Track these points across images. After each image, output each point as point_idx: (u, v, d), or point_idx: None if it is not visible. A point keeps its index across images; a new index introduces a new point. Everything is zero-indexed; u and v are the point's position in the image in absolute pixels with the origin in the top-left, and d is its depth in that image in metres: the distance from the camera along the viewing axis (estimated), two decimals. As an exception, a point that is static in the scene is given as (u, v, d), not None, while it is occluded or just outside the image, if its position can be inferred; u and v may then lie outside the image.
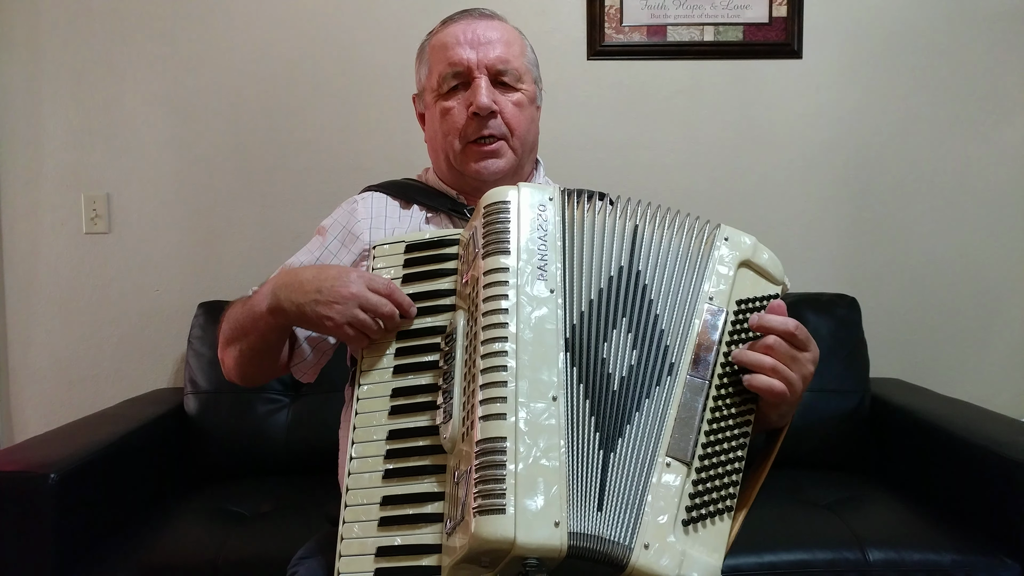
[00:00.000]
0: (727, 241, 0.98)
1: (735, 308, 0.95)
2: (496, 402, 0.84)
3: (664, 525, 0.83)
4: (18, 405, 2.32)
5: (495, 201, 0.97)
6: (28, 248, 2.29)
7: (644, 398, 0.89)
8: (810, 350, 0.93)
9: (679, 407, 0.89)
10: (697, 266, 0.96)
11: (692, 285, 0.95)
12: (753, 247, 0.98)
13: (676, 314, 0.93)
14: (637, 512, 0.84)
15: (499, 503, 0.79)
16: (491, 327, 0.88)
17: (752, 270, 0.98)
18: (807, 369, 0.93)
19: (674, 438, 0.87)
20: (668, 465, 0.86)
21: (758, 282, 0.97)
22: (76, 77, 2.26)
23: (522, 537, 0.78)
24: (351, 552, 0.90)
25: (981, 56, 2.29)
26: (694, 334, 0.92)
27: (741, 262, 0.97)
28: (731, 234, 0.98)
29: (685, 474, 0.86)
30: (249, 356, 1.15)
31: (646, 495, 0.85)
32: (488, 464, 0.81)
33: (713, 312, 0.94)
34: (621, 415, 0.88)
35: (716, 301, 0.94)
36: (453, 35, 1.19)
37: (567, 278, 0.93)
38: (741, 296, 0.96)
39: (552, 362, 0.87)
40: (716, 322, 0.93)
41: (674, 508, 0.84)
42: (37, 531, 1.47)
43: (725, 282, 0.95)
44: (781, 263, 0.99)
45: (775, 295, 0.97)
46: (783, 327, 0.91)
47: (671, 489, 0.85)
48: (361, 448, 0.95)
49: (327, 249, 1.22)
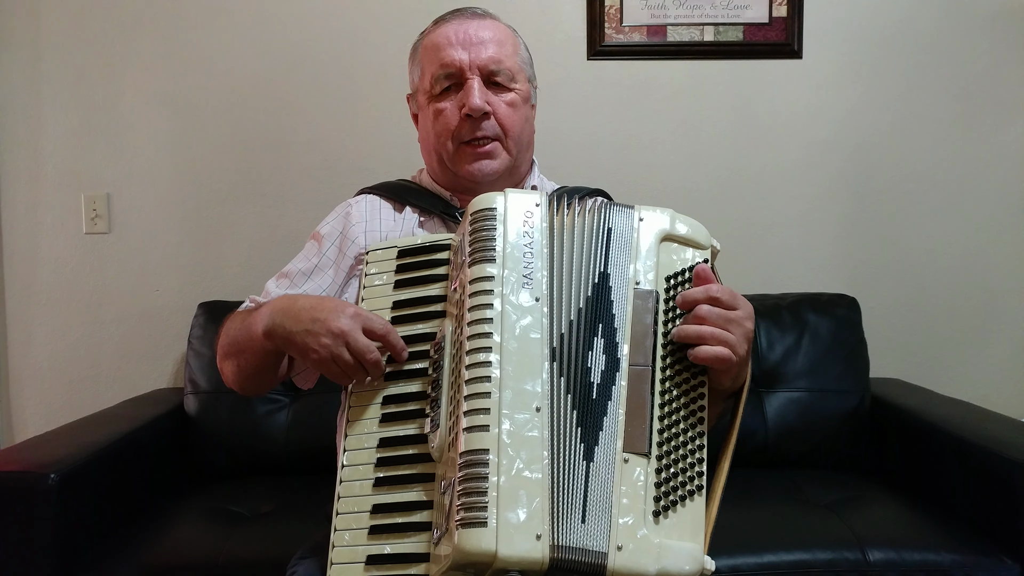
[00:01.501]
0: (643, 221, 0.97)
1: (665, 286, 0.94)
2: (479, 413, 0.84)
3: (633, 522, 0.83)
4: (18, 405, 2.32)
5: (481, 208, 0.96)
6: (28, 248, 2.29)
7: (607, 400, 0.89)
8: (740, 307, 0.93)
9: (627, 400, 0.89)
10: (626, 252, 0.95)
11: (624, 272, 0.94)
12: (671, 219, 0.97)
13: (619, 305, 0.93)
14: (608, 516, 0.84)
15: (481, 516, 0.80)
16: (476, 337, 0.88)
17: (675, 242, 0.97)
18: (744, 327, 0.93)
19: (628, 432, 0.87)
20: (626, 461, 0.86)
21: (683, 252, 0.97)
22: (76, 77, 2.26)
23: (503, 550, 0.78)
24: (342, 560, 0.90)
25: (981, 56, 2.29)
26: (628, 321, 0.92)
27: (662, 238, 0.96)
28: (645, 213, 0.98)
29: (646, 465, 0.86)
30: (247, 372, 1.15)
31: (612, 496, 0.84)
32: (471, 476, 0.82)
33: (642, 295, 0.93)
34: (596, 423, 0.88)
35: (644, 283, 0.94)
36: (445, 35, 1.19)
37: (553, 286, 0.92)
38: (669, 272, 0.95)
39: (536, 372, 0.87)
40: (648, 304, 0.93)
41: (641, 503, 0.84)
42: (37, 531, 1.47)
43: (650, 261, 0.95)
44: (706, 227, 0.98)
45: (704, 260, 0.96)
46: (704, 295, 0.91)
47: (635, 485, 0.85)
48: (353, 455, 0.95)
49: (324, 256, 1.22)
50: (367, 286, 1.05)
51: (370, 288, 1.04)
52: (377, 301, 1.03)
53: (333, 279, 1.21)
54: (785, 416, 2.01)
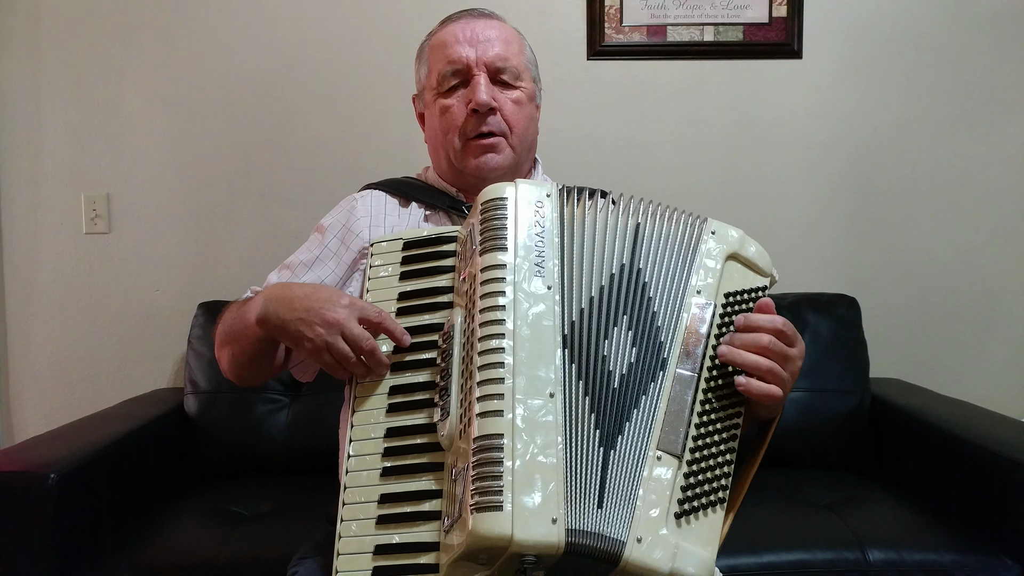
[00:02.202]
0: (714, 235, 0.98)
1: (723, 301, 0.95)
2: (493, 399, 0.84)
3: (656, 518, 0.83)
4: (18, 405, 2.32)
5: (492, 198, 0.97)
6: (28, 248, 2.29)
7: (641, 395, 0.89)
8: (797, 345, 0.94)
9: (669, 400, 0.89)
10: (685, 259, 0.96)
11: (681, 279, 0.95)
12: (740, 240, 0.98)
13: (668, 308, 0.93)
14: (631, 507, 0.84)
15: (496, 500, 0.79)
16: (488, 324, 0.88)
17: (740, 263, 0.98)
18: (796, 365, 0.94)
19: (664, 431, 0.87)
20: (659, 459, 0.86)
21: (746, 275, 0.98)
22: (76, 77, 2.26)
23: (519, 534, 0.77)
24: (349, 550, 0.89)
25: (981, 56, 2.29)
26: (683, 327, 0.92)
27: (728, 255, 0.97)
28: (718, 227, 0.99)
29: (676, 467, 0.86)
30: (241, 360, 1.15)
31: (638, 489, 0.85)
32: (485, 461, 0.81)
33: (701, 305, 0.94)
34: (621, 412, 0.88)
35: (704, 294, 0.94)
36: (452, 34, 1.20)
37: (565, 275, 0.93)
38: (729, 289, 0.96)
39: (550, 359, 0.87)
40: (704, 315, 0.93)
41: (666, 501, 0.84)
42: (37, 531, 1.47)
43: (713, 275, 0.95)
44: (770, 256, 0.99)
45: (763, 287, 0.98)
46: (771, 325, 0.91)
47: (662, 482, 0.85)
48: (359, 446, 0.95)
49: (326, 247, 1.22)
50: (372, 278, 1.05)
51: (375, 280, 1.04)
52: (382, 292, 1.03)
53: (334, 271, 1.21)
54: (785, 416, 1.98)
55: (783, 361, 0.91)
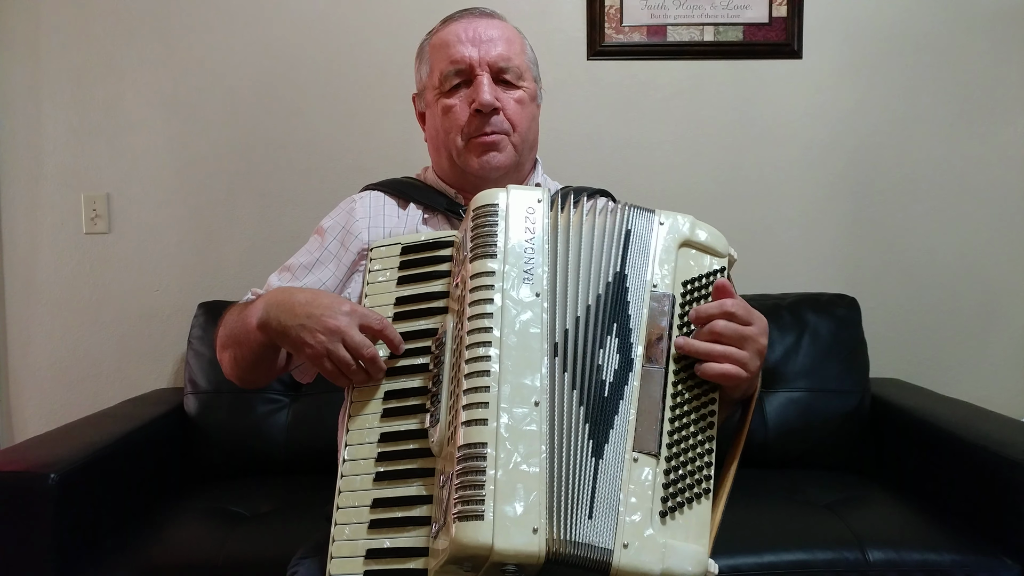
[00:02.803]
0: (662, 225, 0.98)
1: (681, 290, 0.95)
2: (478, 407, 0.85)
3: (640, 521, 0.84)
4: (18, 405, 2.32)
5: (483, 204, 0.97)
6: (28, 248, 2.29)
7: (619, 400, 0.89)
8: (754, 322, 0.94)
9: (639, 400, 0.89)
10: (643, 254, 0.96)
11: (641, 274, 0.95)
12: (691, 226, 0.98)
13: (633, 307, 0.93)
14: (615, 513, 0.84)
15: (478, 509, 0.80)
16: (476, 331, 0.89)
17: (694, 248, 0.98)
18: (758, 343, 0.94)
19: (638, 432, 0.88)
20: (636, 460, 0.86)
21: (702, 259, 0.98)
22: (76, 77, 2.26)
23: (500, 543, 0.78)
24: (342, 554, 0.90)
25: (981, 56, 2.29)
26: (643, 323, 0.92)
27: (681, 243, 0.97)
28: (666, 217, 0.99)
29: (655, 466, 0.86)
30: (243, 364, 1.15)
31: (619, 494, 0.85)
32: (469, 470, 0.82)
33: (658, 298, 0.94)
34: (607, 420, 0.88)
35: (660, 287, 0.94)
36: (454, 33, 1.20)
37: (555, 281, 0.93)
38: (686, 277, 0.96)
39: (536, 367, 0.87)
40: (663, 307, 0.93)
41: (648, 502, 0.84)
42: (37, 531, 1.47)
43: (668, 266, 0.95)
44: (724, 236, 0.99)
45: (721, 268, 0.97)
46: (719, 310, 0.92)
47: (643, 484, 0.85)
48: (354, 450, 0.96)
49: (326, 250, 1.22)
50: (371, 282, 1.05)
51: (374, 284, 1.05)
52: (381, 297, 1.04)
53: (334, 273, 1.21)
54: (785, 416, 2.01)
55: (740, 342, 0.91)
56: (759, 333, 0.94)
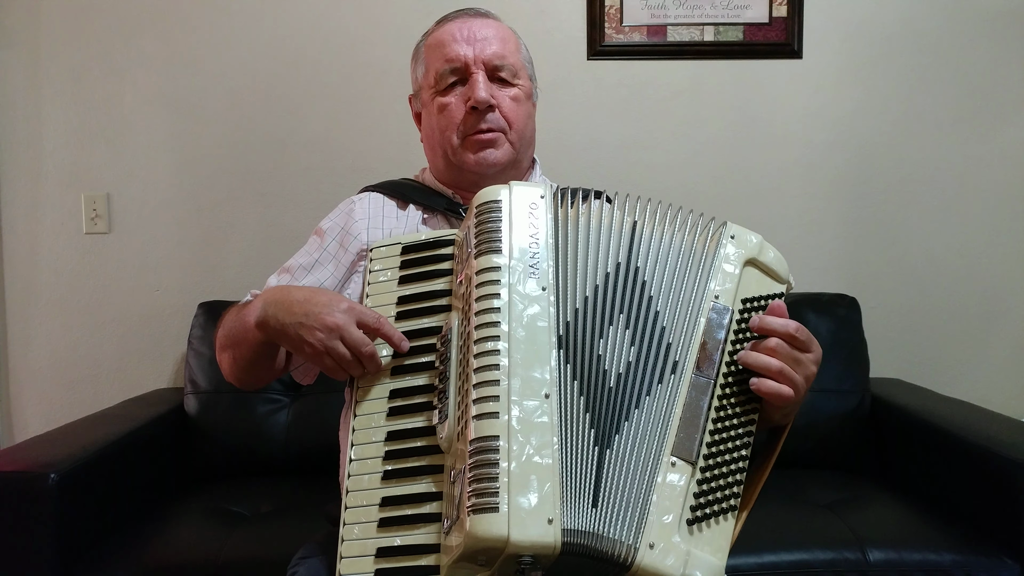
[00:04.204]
0: (733, 239, 0.97)
1: (740, 307, 0.95)
2: (489, 401, 0.84)
3: (669, 524, 0.83)
4: (18, 405, 2.32)
5: (486, 200, 0.97)
6: (28, 248, 2.29)
7: (644, 395, 0.89)
8: (812, 351, 0.94)
9: (684, 406, 0.89)
10: (702, 264, 0.96)
11: (697, 283, 0.95)
12: (759, 245, 0.98)
13: (680, 311, 0.93)
14: (642, 511, 0.84)
15: (493, 502, 0.79)
16: (484, 326, 0.89)
17: (758, 269, 0.97)
18: (810, 370, 0.93)
19: (679, 437, 0.87)
20: (673, 464, 0.86)
21: (763, 281, 0.97)
22: (76, 77, 2.26)
23: (516, 535, 0.78)
24: (352, 553, 0.90)
25: (981, 56, 2.29)
26: (699, 332, 0.92)
27: (747, 260, 0.97)
28: (737, 232, 0.98)
29: (690, 474, 0.86)
30: (242, 364, 1.15)
31: (651, 494, 0.85)
32: (482, 463, 0.82)
33: (719, 311, 0.93)
34: (618, 412, 0.88)
35: (722, 299, 0.94)
36: (449, 32, 1.20)
37: (559, 275, 0.93)
38: (746, 295, 0.95)
39: (545, 359, 0.87)
40: (722, 321, 0.93)
41: (679, 508, 0.84)
42: (37, 531, 1.47)
43: (731, 280, 0.95)
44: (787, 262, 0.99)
45: (780, 294, 0.97)
46: (784, 329, 0.91)
47: (676, 489, 0.85)
48: (360, 450, 0.95)
49: (325, 251, 1.22)
50: (372, 282, 1.05)
51: (375, 284, 1.05)
52: (382, 297, 1.04)
53: (333, 273, 1.21)
54: (785, 416, 2.01)
55: (794, 364, 0.91)
56: (813, 361, 0.94)
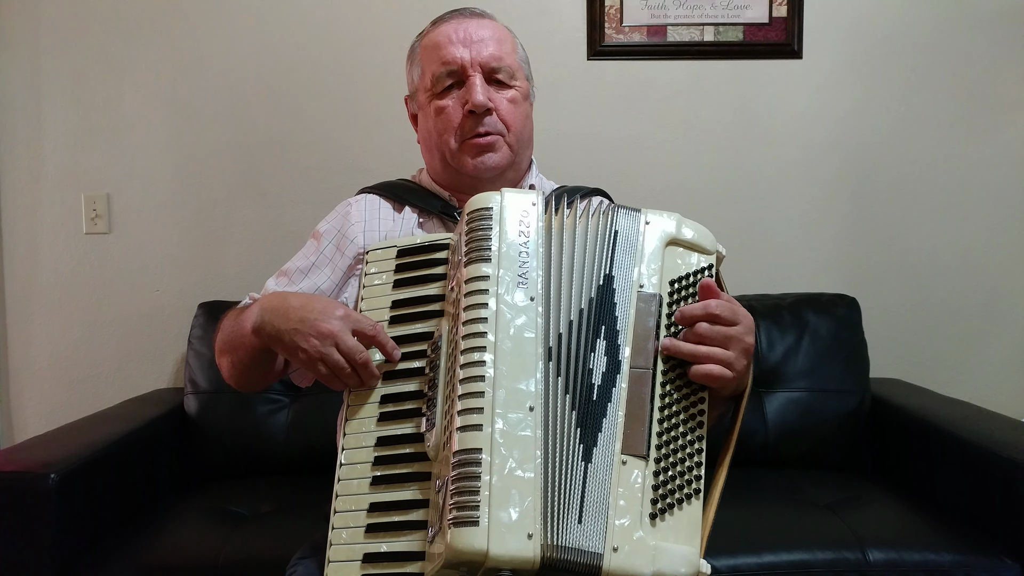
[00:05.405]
0: (649, 224, 0.97)
1: (669, 290, 0.95)
2: (473, 413, 0.85)
3: (630, 524, 0.83)
4: (18, 405, 2.32)
5: (477, 208, 0.97)
6: (28, 248, 2.29)
7: (607, 402, 0.89)
8: (739, 321, 0.93)
9: (628, 401, 0.89)
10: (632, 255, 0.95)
11: (629, 275, 0.95)
12: (677, 224, 0.98)
13: (621, 308, 0.93)
14: (605, 516, 0.84)
15: (473, 515, 0.80)
16: (470, 336, 0.88)
17: (681, 247, 0.97)
18: (744, 342, 0.93)
19: (627, 434, 0.87)
20: (624, 463, 0.86)
21: (689, 256, 0.97)
22: (76, 77, 2.26)
23: (495, 549, 0.79)
24: (339, 558, 0.90)
25: (981, 56, 2.29)
26: (630, 324, 0.92)
27: (668, 242, 0.97)
28: (652, 216, 0.98)
29: (644, 467, 0.86)
30: (240, 368, 1.15)
31: (608, 497, 0.85)
32: (464, 475, 0.82)
33: (646, 299, 0.93)
34: (596, 423, 0.88)
35: (648, 287, 0.94)
36: (445, 34, 1.20)
37: (550, 286, 0.93)
38: (673, 276, 0.95)
39: (531, 372, 0.87)
40: (650, 308, 0.93)
41: (638, 504, 0.84)
42: (37, 531, 1.47)
43: (655, 265, 0.95)
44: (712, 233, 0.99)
45: (709, 266, 0.97)
46: (703, 312, 0.91)
47: (632, 486, 0.85)
48: (351, 454, 0.96)
49: (322, 254, 1.22)
50: (367, 285, 1.05)
51: (370, 287, 1.05)
52: (376, 300, 1.04)
53: (330, 277, 1.21)
54: (785, 416, 2.01)
55: (725, 342, 0.91)
56: (744, 332, 0.94)
